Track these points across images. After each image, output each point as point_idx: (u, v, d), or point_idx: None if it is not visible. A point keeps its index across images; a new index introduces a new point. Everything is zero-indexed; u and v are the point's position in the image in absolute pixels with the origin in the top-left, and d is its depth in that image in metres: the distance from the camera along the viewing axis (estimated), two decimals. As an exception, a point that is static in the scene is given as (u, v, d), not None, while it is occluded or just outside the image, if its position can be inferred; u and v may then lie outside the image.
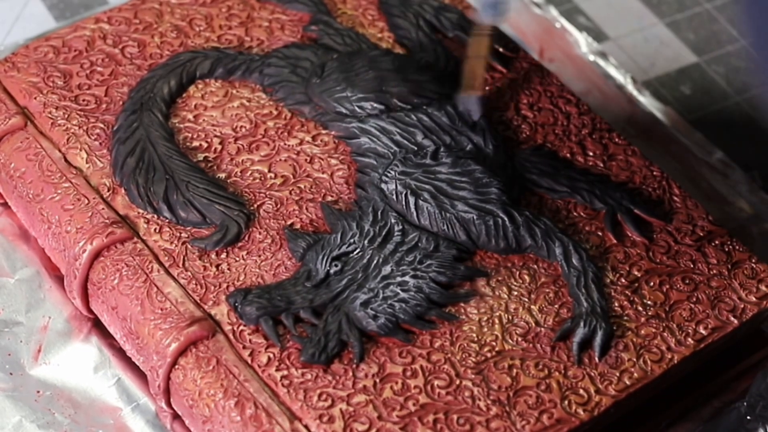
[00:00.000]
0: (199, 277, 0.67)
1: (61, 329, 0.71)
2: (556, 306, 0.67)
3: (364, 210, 0.69)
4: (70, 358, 0.70)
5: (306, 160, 0.72)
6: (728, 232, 0.71)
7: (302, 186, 0.71)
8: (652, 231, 0.71)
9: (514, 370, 0.64)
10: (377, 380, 0.64)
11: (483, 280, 0.68)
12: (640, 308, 0.67)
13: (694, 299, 0.68)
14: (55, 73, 0.75)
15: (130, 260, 0.67)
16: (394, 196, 0.70)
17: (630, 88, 0.88)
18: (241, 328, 0.65)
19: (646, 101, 0.87)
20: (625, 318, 0.67)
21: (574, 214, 0.71)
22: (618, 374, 0.65)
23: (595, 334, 0.65)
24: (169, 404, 0.66)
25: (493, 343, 0.65)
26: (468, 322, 0.66)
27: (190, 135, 0.73)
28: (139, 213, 0.69)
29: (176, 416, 0.67)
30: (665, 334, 0.66)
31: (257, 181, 0.71)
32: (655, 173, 0.74)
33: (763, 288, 0.69)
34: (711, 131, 0.88)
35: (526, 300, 0.67)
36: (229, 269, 0.67)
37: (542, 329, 0.66)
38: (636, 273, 0.69)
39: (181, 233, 0.69)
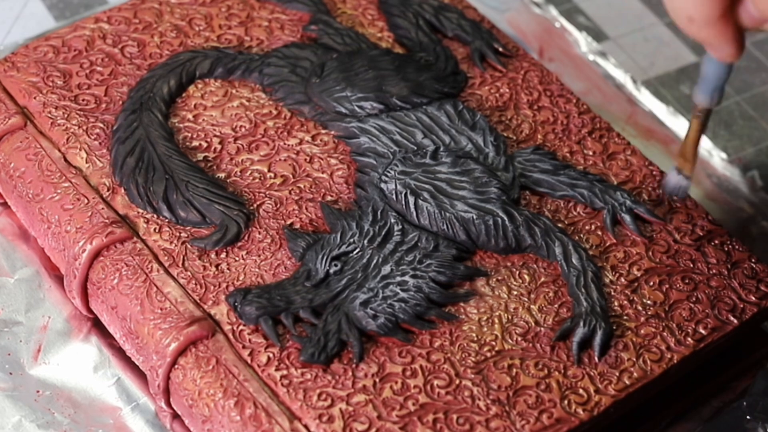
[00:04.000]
0: (198, 277, 0.67)
1: (61, 329, 0.71)
2: (556, 305, 0.67)
3: (364, 210, 0.69)
4: (70, 358, 0.70)
5: (306, 159, 0.72)
6: (728, 232, 0.71)
7: (302, 186, 0.71)
8: (652, 230, 0.71)
9: (514, 370, 0.64)
10: (377, 380, 0.64)
11: (483, 280, 0.68)
12: (639, 308, 0.67)
13: (694, 299, 0.68)
14: (55, 73, 0.75)
15: (129, 260, 0.67)
16: (394, 196, 0.70)
17: (630, 87, 0.88)
18: (241, 327, 0.65)
19: (646, 101, 0.87)
20: (625, 317, 0.67)
21: (574, 213, 0.71)
22: (618, 374, 0.65)
23: (594, 334, 0.65)
24: (168, 404, 0.66)
25: (493, 343, 0.65)
26: (468, 322, 0.66)
27: (189, 135, 0.73)
28: (138, 213, 0.69)
29: (176, 416, 0.67)
30: (665, 333, 0.66)
31: (257, 180, 0.71)
32: (654, 173, 0.74)
33: (763, 288, 0.69)
34: (711, 131, 0.88)
35: (526, 299, 0.67)
36: (228, 269, 0.67)
37: (542, 329, 0.66)
38: (636, 272, 0.69)
39: (180, 233, 0.69)
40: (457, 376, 0.64)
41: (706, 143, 0.85)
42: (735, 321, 0.67)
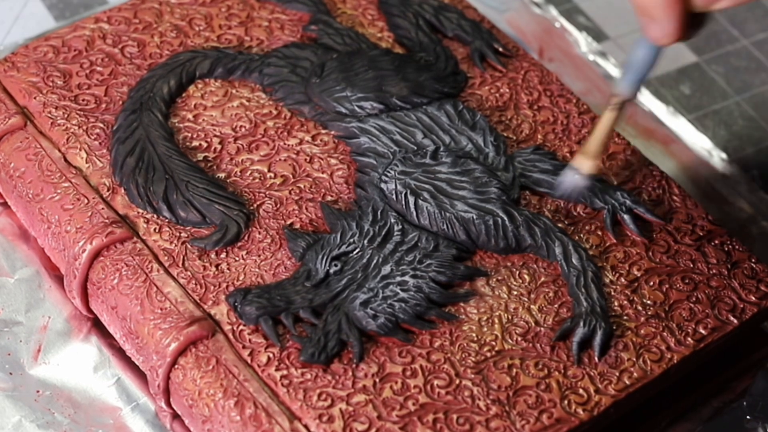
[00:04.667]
0: (198, 277, 0.67)
1: (61, 329, 0.71)
2: (556, 305, 0.67)
3: (364, 210, 0.69)
4: (70, 358, 0.70)
5: (306, 159, 0.72)
6: (728, 232, 0.71)
7: (302, 186, 0.71)
8: (652, 230, 0.71)
9: (514, 370, 0.64)
10: (377, 380, 0.64)
11: (483, 280, 0.68)
12: (639, 308, 0.67)
13: (694, 299, 0.68)
14: (55, 73, 0.75)
15: (129, 260, 0.67)
16: (394, 196, 0.70)
17: (630, 87, 0.88)
18: (241, 327, 0.65)
19: (646, 101, 0.87)
20: (625, 317, 0.67)
21: (574, 213, 0.71)
22: (618, 374, 0.65)
23: (594, 334, 0.65)
24: (168, 404, 0.66)
25: (493, 343, 0.65)
26: (468, 322, 0.66)
27: (189, 135, 0.73)
28: (138, 213, 0.69)
29: (176, 416, 0.67)
30: (665, 333, 0.66)
31: (257, 180, 0.71)
32: (654, 173, 0.74)
33: (763, 288, 0.69)
34: (711, 131, 0.88)
35: (526, 299, 0.67)
36: (228, 269, 0.67)
37: (542, 329, 0.66)
38: (636, 272, 0.69)
39: (180, 233, 0.69)
40: (457, 376, 0.64)
41: (705, 143, 0.85)
42: (735, 321, 0.67)
